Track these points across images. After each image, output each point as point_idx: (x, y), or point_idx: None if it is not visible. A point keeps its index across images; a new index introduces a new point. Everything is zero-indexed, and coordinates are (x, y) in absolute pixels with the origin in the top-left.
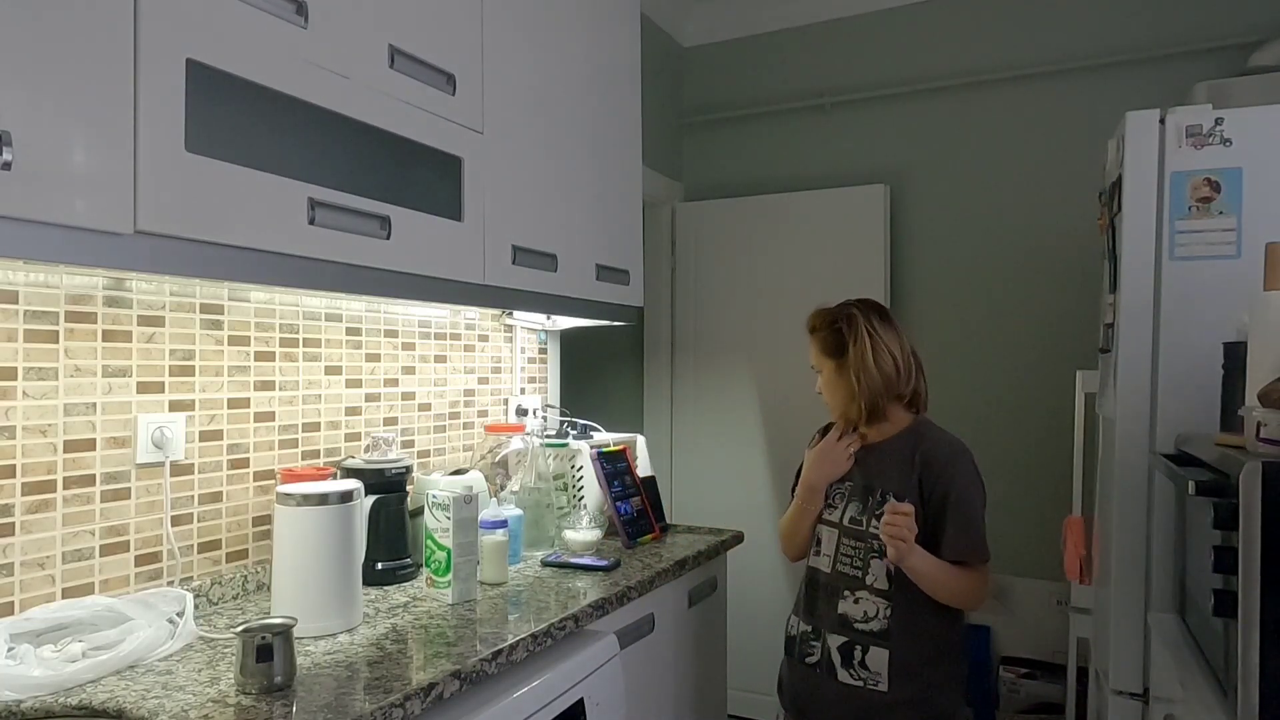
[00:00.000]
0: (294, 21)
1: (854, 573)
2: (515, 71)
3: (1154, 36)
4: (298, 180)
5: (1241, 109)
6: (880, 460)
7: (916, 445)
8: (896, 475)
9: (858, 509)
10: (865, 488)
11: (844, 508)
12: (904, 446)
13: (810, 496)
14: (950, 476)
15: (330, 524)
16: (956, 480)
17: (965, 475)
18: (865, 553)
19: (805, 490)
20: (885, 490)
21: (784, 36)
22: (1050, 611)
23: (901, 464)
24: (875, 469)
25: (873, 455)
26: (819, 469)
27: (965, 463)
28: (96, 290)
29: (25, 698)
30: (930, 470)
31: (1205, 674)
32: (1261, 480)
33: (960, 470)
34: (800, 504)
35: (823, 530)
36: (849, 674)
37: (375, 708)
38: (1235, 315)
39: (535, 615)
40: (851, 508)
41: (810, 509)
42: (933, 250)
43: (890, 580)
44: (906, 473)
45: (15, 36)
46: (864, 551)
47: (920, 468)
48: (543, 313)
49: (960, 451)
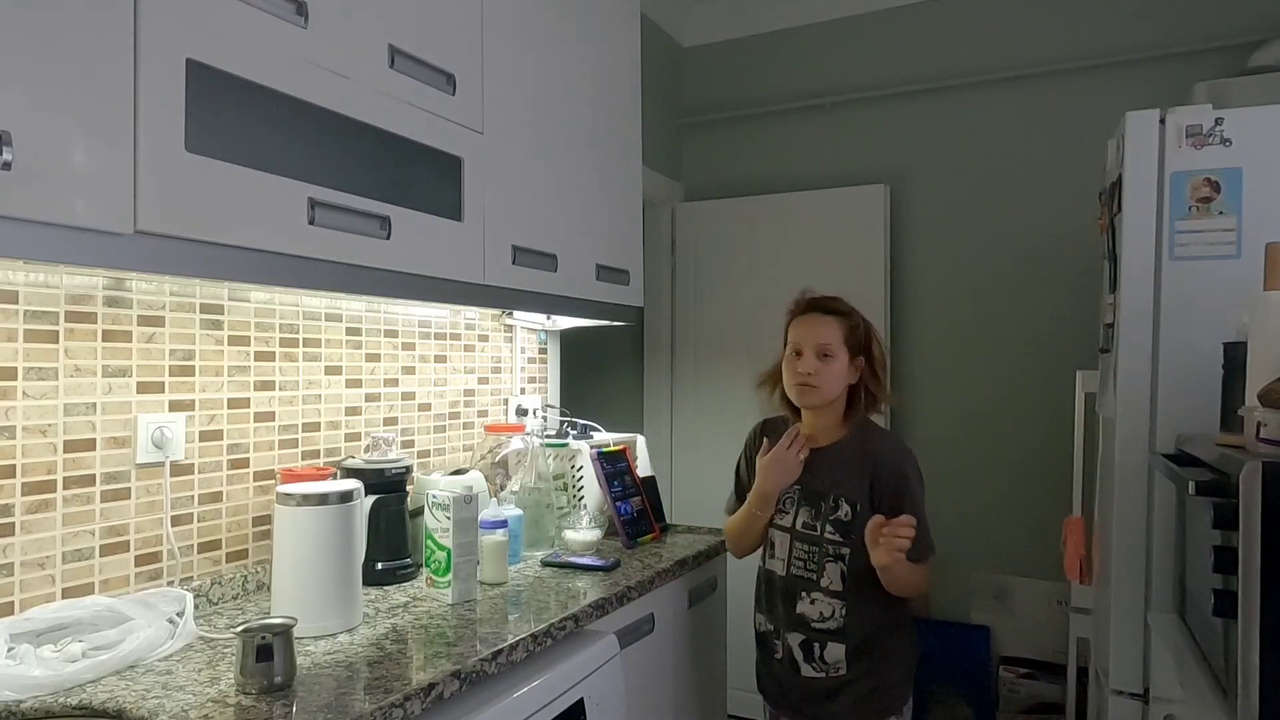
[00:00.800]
0: (294, 21)
1: (809, 575)
2: (515, 71)
3: (1154, 36)
4: (298, 180)
5: (1241, 109)
6: (830, 465)
7: (865, 448)
8: (848, 480)
9: (810, 514)
10: (816, 493)
11: (795, 513)
12: (852, 450)
13: (764, 504)
14: (902, 477)
15: (330, 524)
16: (908, 482)
17: (914, 476)
18: (819, 556)
19: (760, 498)
20: (838, 496)
21: (784, 36)
22: (1050, 611)
23: (852, 468)
24: (825, 474)
25: (821, 460)
26: (774, 477)
27: (912, 463)
28: (96, 290)
29: (25, 698)
30: (881, 473)
31: (1205, 674)
32: (1261, 480)
33: (910, 472)
34: (751, 510)
35: (774, 534)
36: (811, 667)
37: (375, 708)
38: (1235, 315)
39: (535, 615)
40: (803, 513)
41: (763, 515)
42: (933, 250)
43: (844, 581)
44: (859, 477)
45: (15, 36)
46: (818, 555)
47: (873, 471)
48: (543, 313)
49: (906, 452)
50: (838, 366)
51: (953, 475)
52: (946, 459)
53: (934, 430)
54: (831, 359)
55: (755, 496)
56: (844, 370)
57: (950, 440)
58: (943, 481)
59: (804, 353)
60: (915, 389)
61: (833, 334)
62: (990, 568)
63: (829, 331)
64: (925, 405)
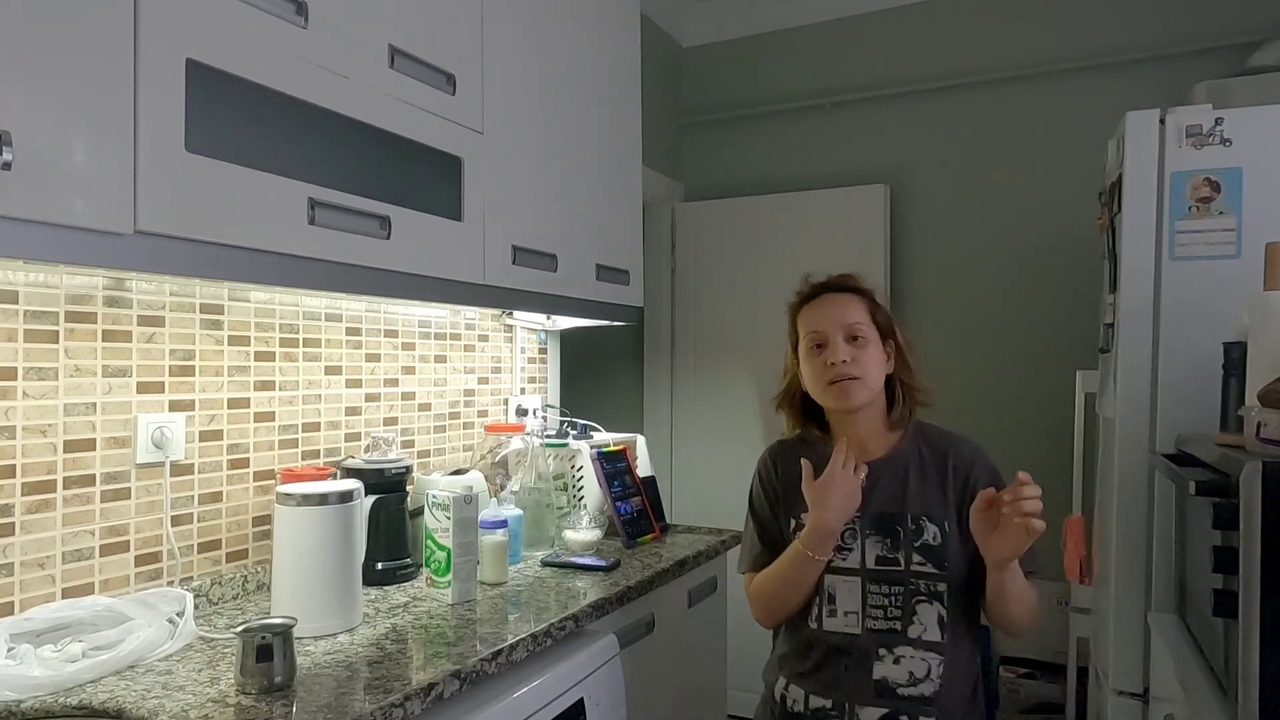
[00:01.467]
0: (294, 21)
1: (891, 626)
2: (515, 71)
3: (1154, 36)
4: (298, 180)
5: (1241, 109)
6: (896, 479)
7: (935, 451)
8: (926, 494)
9: (884, 545)
10: (887, 517)
11: (861, 547)
12: (918, 456)
13: (824, 543)
14: (984, 478)
15: (330, 524)
16: (994, 481)
17: (998, 477)
18: (907, 598)
19: (817, 536)
20: (921, 515)
21: (784, 36)
22: (1050, 611)
23: (926, 479)
24: (893, 491)
25: (883, 475)
26: (834, 508)
27: (991, 462)
28: (96, 290)
29: (25, 698)
30: (971, 479)
31: (1205, 674)
32: (1261, 480)
33: (994, 472)
34: (802, 554)
35: (835, 582)
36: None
37: (375, 708)
38: (1235, 315)
39: (535, 615)
40: (874, 545)
41: (822, 559)
42: (933, 250)
43: (942, 628)
44: (938, 489)
45: (15, 36)
46: (904, 597)
47: (956, 478)
48: (543, 313)
49: (983, 451)
50: (875, 351)
51: None
52: None
53: None
54: (865, 341)
55: (811, 535)
56: (881, 356)
57: None
58: None
59: (829, 340)
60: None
61: (859, 312)
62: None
63: (855, 310)
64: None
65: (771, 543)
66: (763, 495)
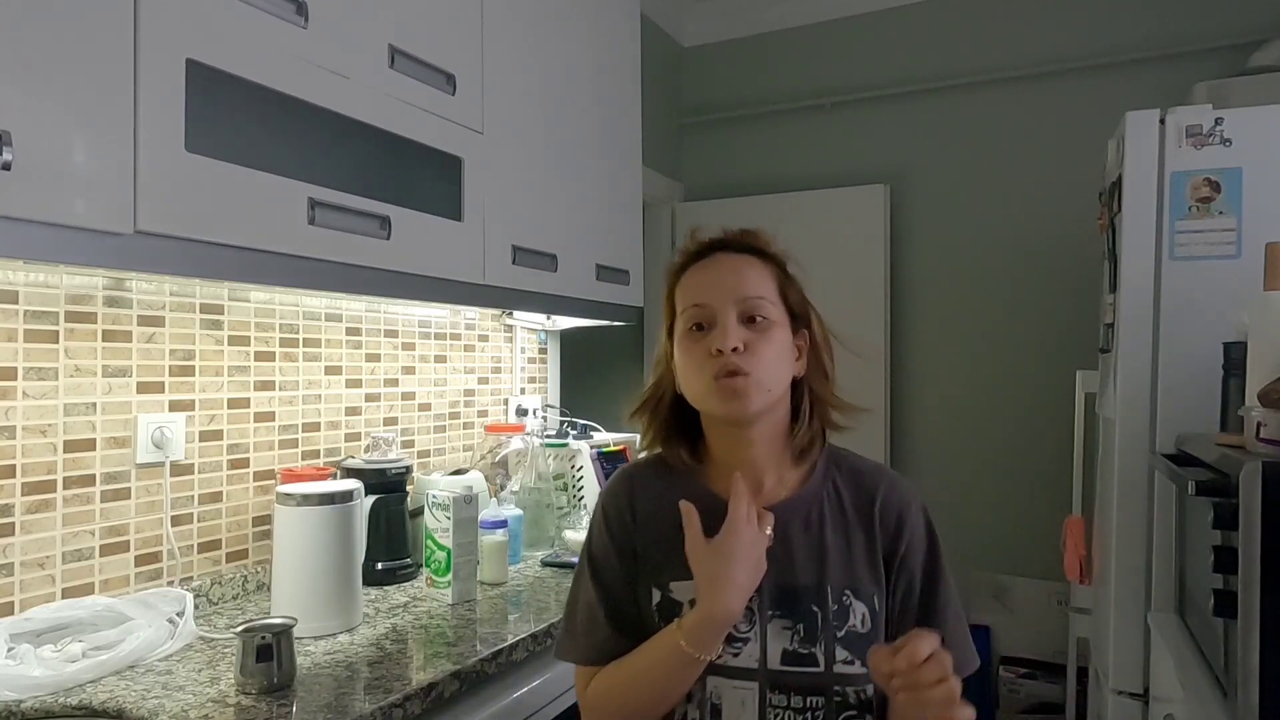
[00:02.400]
0: (294, 21)
1: None
2: (515, 71)
3: (1154, 36)
4: (297, 180)
5: (1241, 109)
6: (806, 531)
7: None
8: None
9: (795, 635)
10: (799, 591)
11: (761, 637)
12: (837, 499)
13: (716, 638)
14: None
15: (330, 524)
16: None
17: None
18: (829, 713)
19: (710, 628)
20: (845, 588)
21: (784, 36)
22: (1050, 611)
23: (851, 532)
24: (804, 550)
25: (789, 524)
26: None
27: (926, 516)
28: (96, 290)
29: (25, 698)
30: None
31: (1205, 674)
32: (1261, 480)
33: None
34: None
35: (720, 688)
36: None
37: (375, 708)
38: (1235, 315)
39: (535, 615)
40: (779, 634)
41: (705, 657)
42: (933, 250)
43: None
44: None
45: (15, 36)
46: (825, 712)
47: (886, 533)
48: (543, 313)
49: (914, 492)
50: (780, 339)
51: (953, 475)
52: (946, 459)
53: (934, 430)
54: (768, 325)
55: (701, 626)
56: (789, 348)
57: (950, 440)
58: (943, 481)
59: (717, 319)
60: (915, 389)
61: (763, 283)
62: (990, 567)
63: (757, 279)
64: (925, 405)
65: (624, 623)
66: (610, 551)
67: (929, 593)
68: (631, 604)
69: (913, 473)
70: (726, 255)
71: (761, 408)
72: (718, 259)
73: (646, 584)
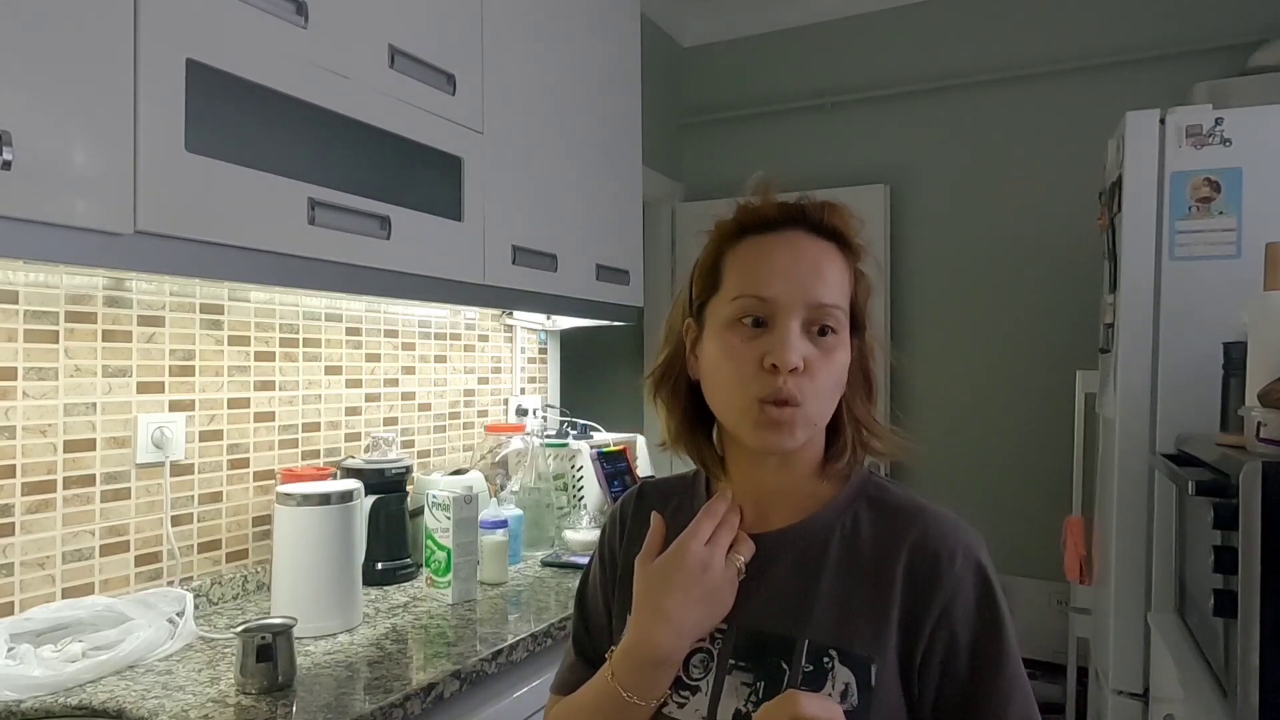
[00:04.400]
0: (294, 21)
1: None
2: (515, 71)
3: (1154, 36)
4: (297, 180)
5: (1241, 109)
6: (798, 565)
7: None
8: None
9: (754, 692)
10: (769, 640)
11: (713, 690)
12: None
13: (647, 679)
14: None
15: (330, 524)
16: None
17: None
18: None
19: (639, 664)
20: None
21: (784, 36)
22: (1050, 611)
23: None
24: (787, 589)
25: (780, 555)
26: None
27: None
28: (96, 290)
29: (25, 698)
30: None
31: (1205, 674)
32: (1261, 480)
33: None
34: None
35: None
36: None
37: (375, 708)
38: (1235, 315)
39: (535, 615)
40: (734, 690)
41: (643, 704)
42: (933, 250)
43: None
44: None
45: (15, 37)
46: None
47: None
48: (543, 313)
49: (967, 544)
50: (842, 359)
51: (953, 475)
52: (946, 459)
53: (934, 430)
54: (835, 341)
55: (628, 659)
56: (846, 369)
57: (950, 440)
58: (943, 482)
59: (776, 321)
60: (915, 389)
61: (840, 286)
62: None
63: (836, 279)
64: (925, 405)
65: (593, 654)
66: (597, 575)
67: (979, 678)
68: (606, 633)
69: (912, 473)
70: (805, 237)
71: (802, 444)
72: (793, 240)
73: (622, 613)
